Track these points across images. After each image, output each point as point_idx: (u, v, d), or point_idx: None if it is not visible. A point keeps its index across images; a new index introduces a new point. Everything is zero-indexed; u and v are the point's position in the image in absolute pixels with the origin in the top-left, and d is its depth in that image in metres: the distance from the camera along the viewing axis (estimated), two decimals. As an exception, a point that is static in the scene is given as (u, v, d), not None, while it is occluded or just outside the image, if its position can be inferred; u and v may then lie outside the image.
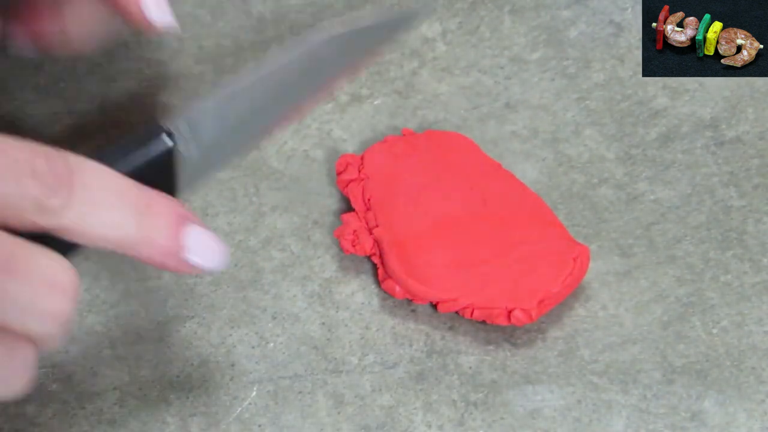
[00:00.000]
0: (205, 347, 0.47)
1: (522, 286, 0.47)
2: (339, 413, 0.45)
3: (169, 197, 0.42)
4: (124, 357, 0.47)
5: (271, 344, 0.47)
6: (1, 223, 0.38)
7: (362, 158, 0.50)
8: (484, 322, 0.47)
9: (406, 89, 0.55)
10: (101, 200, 0.39)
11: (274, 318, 0.48)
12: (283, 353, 0.47)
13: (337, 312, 0.48)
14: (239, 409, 0.46)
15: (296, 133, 0.53)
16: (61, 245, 0.39)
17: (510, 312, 0.46)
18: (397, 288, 0.47)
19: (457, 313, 0.47)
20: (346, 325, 0.48)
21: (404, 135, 0.52)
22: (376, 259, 0.48)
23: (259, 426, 0.45)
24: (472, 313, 0.47)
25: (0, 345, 0.38)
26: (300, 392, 0.46)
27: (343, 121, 0.54)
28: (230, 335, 0.47)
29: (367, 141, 0.53)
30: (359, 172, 0.50)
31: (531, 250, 0.48)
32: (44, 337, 0.39)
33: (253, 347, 0.47)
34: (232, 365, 0.47)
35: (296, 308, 0.48)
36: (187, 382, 0.46)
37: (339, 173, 0.50)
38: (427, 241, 0.48)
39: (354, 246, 0.48)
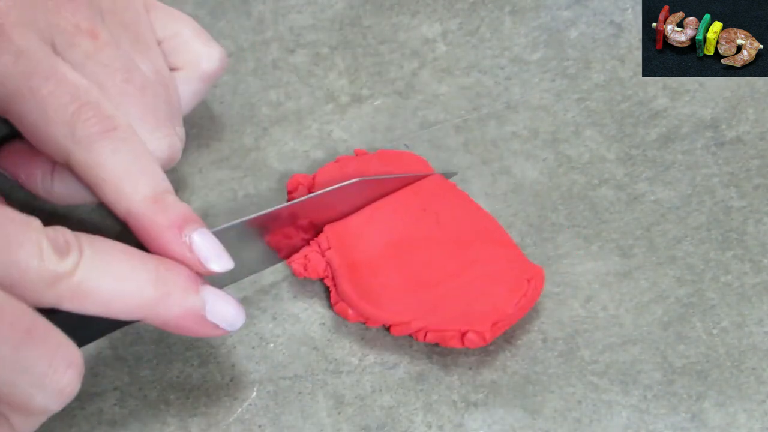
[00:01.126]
0: (205, 347, 0.47)
1: (475, 308, 0.46)
2: (339, 414, 0.45)
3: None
4: (124, 357, 0.47)
5: (272, 345, 0.47)
6: (22, 300, 0.37)
7: (314, 178, 0.50)
8: (437, 344, 0.47)
9: (406, 90, 0.55)
10: (112, 260, 0.39)
11: (274, 318, 0.48)
12: (284, 354, 0.47)
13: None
14: (239, 409, 0.46)
15: (297, 134, 0.53)
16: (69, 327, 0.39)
17: (463, 334, 0.46)
18: (350, 311, 0.46)
19: (410, 336, 0.47)
20: (346, 326, 0.48)
21: (357, 155, 0.51)
22: (328, 282, 0.47)
23: (260, 426, 0.45)
24: (425, 336, 0.46)
25: None
26: (300, 393, 0.46)
27: (344, 121, 0.54)
28: (230, 335, 0.47)
29: (368, 141, 0.53)
30: (309, 192, 0.49)
31: (484, 272, 0.47)
32: (39, 414, 0.38)
33: (253, 348, 0.47)
34: (233, 366, 0.47)
35: (296, 309, 0.48)
36: (187, 382, 0.46)
37: (289, 193, 0.50)
38: (380, 263, 0.47)
39: (306, 269, 0.47)
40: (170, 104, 0.47)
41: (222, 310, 0.41)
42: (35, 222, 0.38)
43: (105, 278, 0.38)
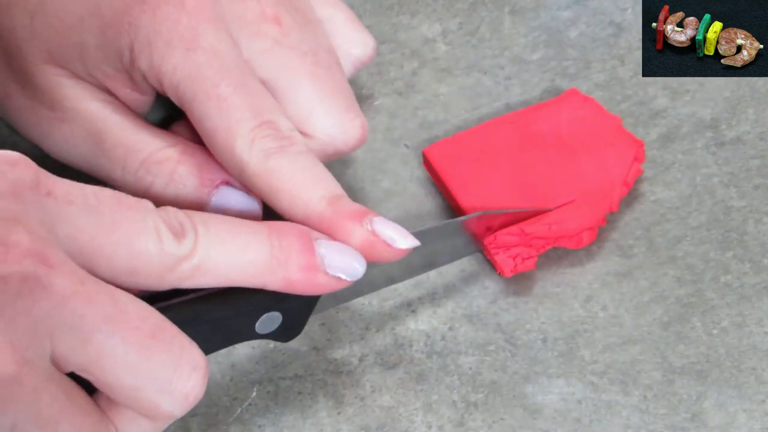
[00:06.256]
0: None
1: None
2: (339, 414, 0.45)
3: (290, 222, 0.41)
4: (125, 357, 0.47)
5: (272, 344, 0.47)
6: (141, 286, 0.37)
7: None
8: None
9: (406, 90, 0.55)
10: (226, 234, 0.39)
11: (274, 318, 0.48)
12: (283, 354, 0.47)
13: (337, 312, 0.48)
14: (239, 409, 0.46)
15: (296, 134, 0.53)
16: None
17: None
18: None
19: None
20: (346, 326, 0.48)
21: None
22: None
23: (260, 426, 0.45)
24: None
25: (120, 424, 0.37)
26: (300, 393, 0.46)
27: (344, 121, 0.54)
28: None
29: (368, 141, 0.53)
30: None
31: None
32: (164, 420, 0.37)
33: (253, 347, 0.47)
34: (232, 365, 0.47)
35: (296, 309, 0.48)
36: (187, 383, 0.46)
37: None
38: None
39: None
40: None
41: (340, 262, 0.40)
42: (149, 205, 0.38)
43: (222, 254, 0.38)
